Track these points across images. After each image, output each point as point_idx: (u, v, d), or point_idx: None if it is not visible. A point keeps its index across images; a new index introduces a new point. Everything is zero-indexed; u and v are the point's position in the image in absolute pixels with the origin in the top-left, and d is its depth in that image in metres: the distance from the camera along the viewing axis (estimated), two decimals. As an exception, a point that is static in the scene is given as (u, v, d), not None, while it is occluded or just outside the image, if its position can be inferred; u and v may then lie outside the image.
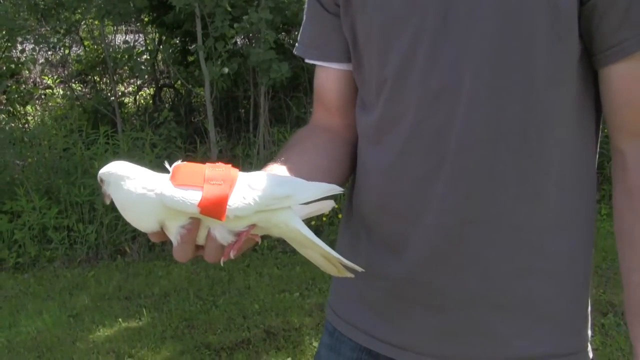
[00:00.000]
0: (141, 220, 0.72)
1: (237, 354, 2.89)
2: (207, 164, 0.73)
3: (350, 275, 0.83)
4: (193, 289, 3.59)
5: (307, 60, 1.01)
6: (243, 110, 5.40)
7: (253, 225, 0.73)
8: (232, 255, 0.73)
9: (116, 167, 0.72)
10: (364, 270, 0.82)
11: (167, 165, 0.73)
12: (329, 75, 1.00)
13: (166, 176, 0.72)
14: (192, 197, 0.68)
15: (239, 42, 5.29)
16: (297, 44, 1.03)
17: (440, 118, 0.84)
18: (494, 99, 0.82)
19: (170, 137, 4.83)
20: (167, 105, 6.08)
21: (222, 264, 0.75)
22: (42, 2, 5.17)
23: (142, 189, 0.71)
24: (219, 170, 0.72)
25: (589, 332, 0.94)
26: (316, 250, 0.80)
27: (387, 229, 0.92)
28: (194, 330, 3.14)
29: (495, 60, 0.81)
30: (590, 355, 0.92)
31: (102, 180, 0.73)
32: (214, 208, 0.69)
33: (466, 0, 0.81)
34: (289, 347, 2.93)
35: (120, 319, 3.29)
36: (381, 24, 0.88)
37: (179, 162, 0.72)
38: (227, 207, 0.69)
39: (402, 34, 0.86)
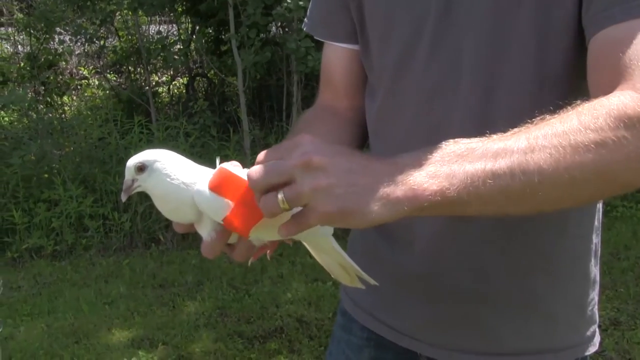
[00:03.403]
0: (179, 208, 0.70)
1: (270, 343, 2.89)
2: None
3: (361, 286, 0.83)
4: (226, 278, 3.60)
5: (316, 37, 1.00)
6: (276, 99, 5.38)
7: None
8: (268, 256, 0.74)
9: (159, 155, 0.70)
10: (377, 284, 0.83)
11: (217, 161, 0.71)
12: (338, 54, 0.98)
13: (208, 172, 0.70)
14: (221, 210, 0.66)
15: (272, 31, 5.26)
16: (305, 20, 1.01)
17: (438, 113, 0.84)
18: (489, 96, 0.81)
19: (204, 126, 4.85)
20: (200, 94, 6.10)
21: (249, 264, 0.74)
22: (78, -7, 5.23)
23: (186, 177, 0.69)
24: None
25: (593, 327, 0.93)
26: (337, 260, 0.80)
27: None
28: (227, 319, 3.15)
29: (491, 57, 0.80)
30: (593, 349, 0.92)
31: (142, 167, 0.69)
32: (238, 227, 0.67)
33: None
34: (322, 336, 2.92)
35: (154, 307, 3.32)
36: (384, 10, 0.87)
37: (225, 164, 0.69)
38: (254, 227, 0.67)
39: (403, 24, 0.85)
